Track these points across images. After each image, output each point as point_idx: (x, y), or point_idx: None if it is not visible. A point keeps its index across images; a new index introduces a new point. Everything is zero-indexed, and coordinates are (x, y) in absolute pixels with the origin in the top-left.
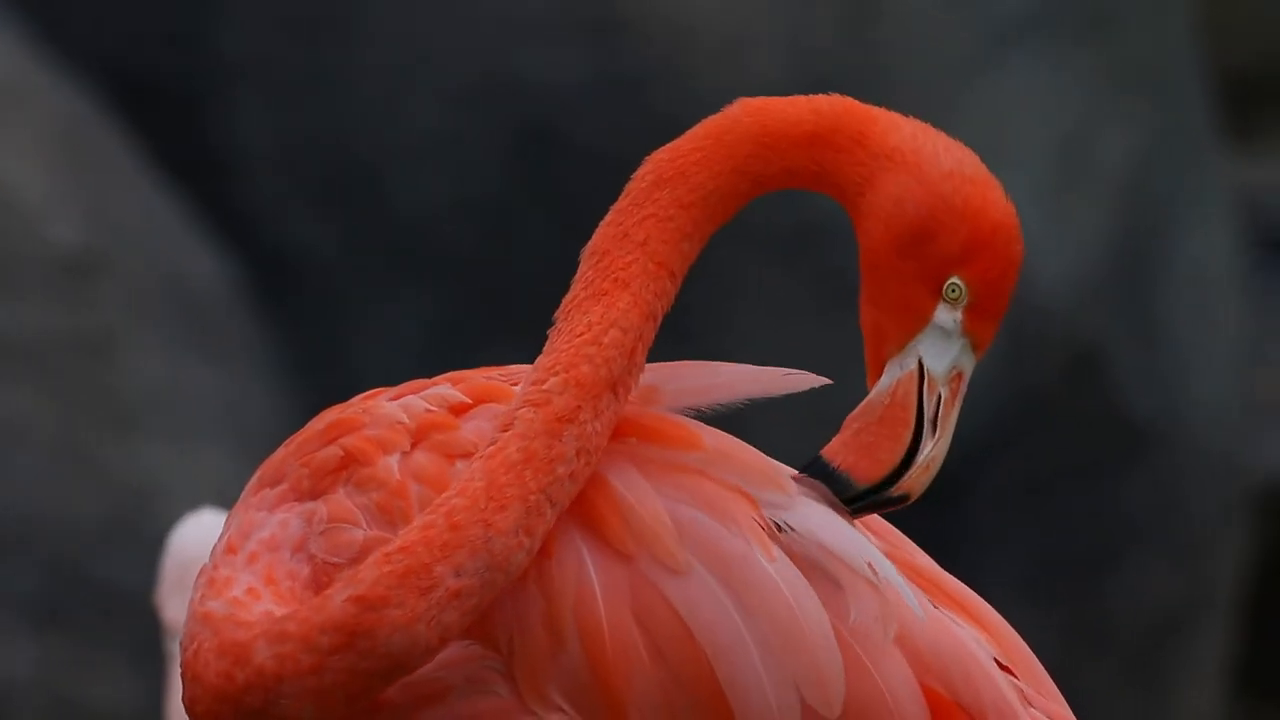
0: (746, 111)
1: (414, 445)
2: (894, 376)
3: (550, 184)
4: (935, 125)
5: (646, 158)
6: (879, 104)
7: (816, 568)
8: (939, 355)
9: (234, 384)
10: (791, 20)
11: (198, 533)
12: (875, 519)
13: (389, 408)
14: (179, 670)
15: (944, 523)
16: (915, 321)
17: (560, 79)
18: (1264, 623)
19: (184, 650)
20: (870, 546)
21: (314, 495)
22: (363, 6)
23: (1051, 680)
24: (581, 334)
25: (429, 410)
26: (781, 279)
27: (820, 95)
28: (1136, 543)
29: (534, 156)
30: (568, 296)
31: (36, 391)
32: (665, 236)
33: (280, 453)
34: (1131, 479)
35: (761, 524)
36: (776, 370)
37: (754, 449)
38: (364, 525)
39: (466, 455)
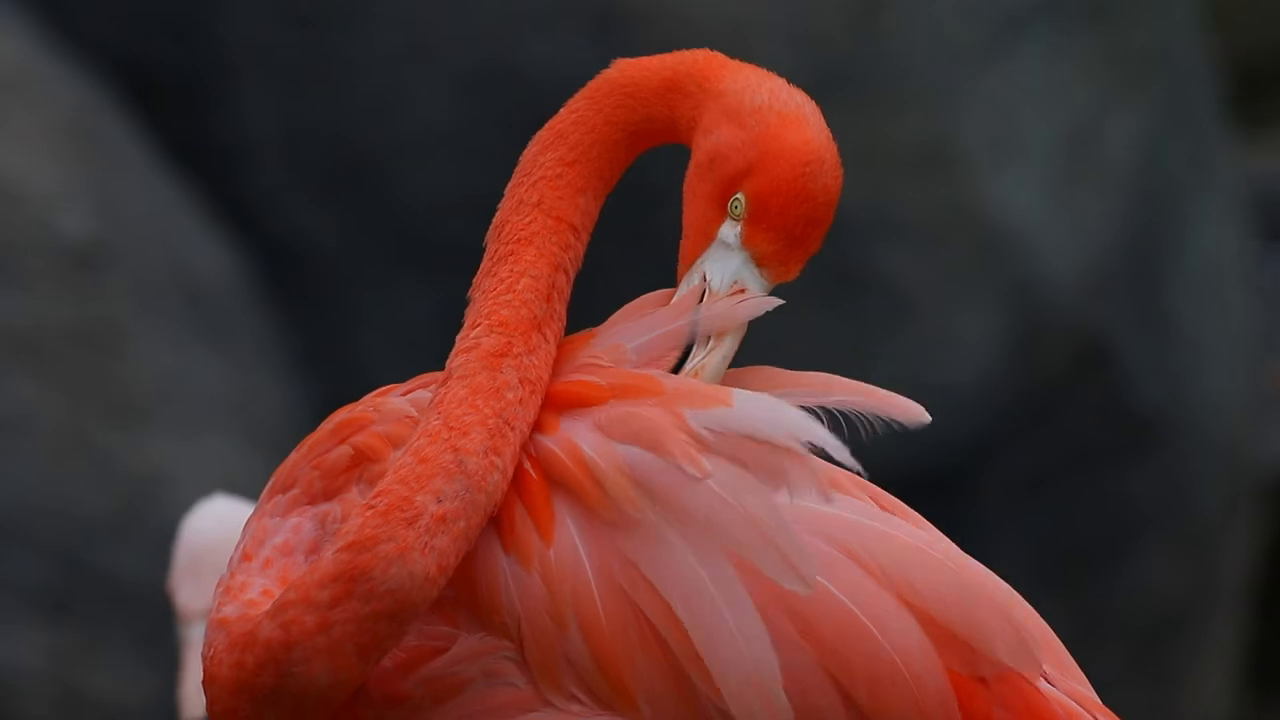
0: (617, 68)
1: None
2: (679, 292)
3: None
4: (942, 115)
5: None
6: (887, 95)
7: (749, 459)
8: (719, 268)
9: (241, 375)
10: (797, 10)
11: (210, 520)
12: (885, 496)
13: (397, 403)
14: (193, 657)
15: (952, 513)
16: (705, 240)
17: (564, 70)
18: (1272, 614)
19: (203, 660)
20: (792, 419)
21: (327, 497)
22: None
23: (1074, 660)
24: (495, 289)
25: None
26: None
27: (690, 50)
28: (1144, 534)
29: None
30: (479, 269)
31: (44, 382)
32: (559, 193)
33: (292, 457)
34: (1139, 470)
35: (690, 438)
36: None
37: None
38: None
39: None
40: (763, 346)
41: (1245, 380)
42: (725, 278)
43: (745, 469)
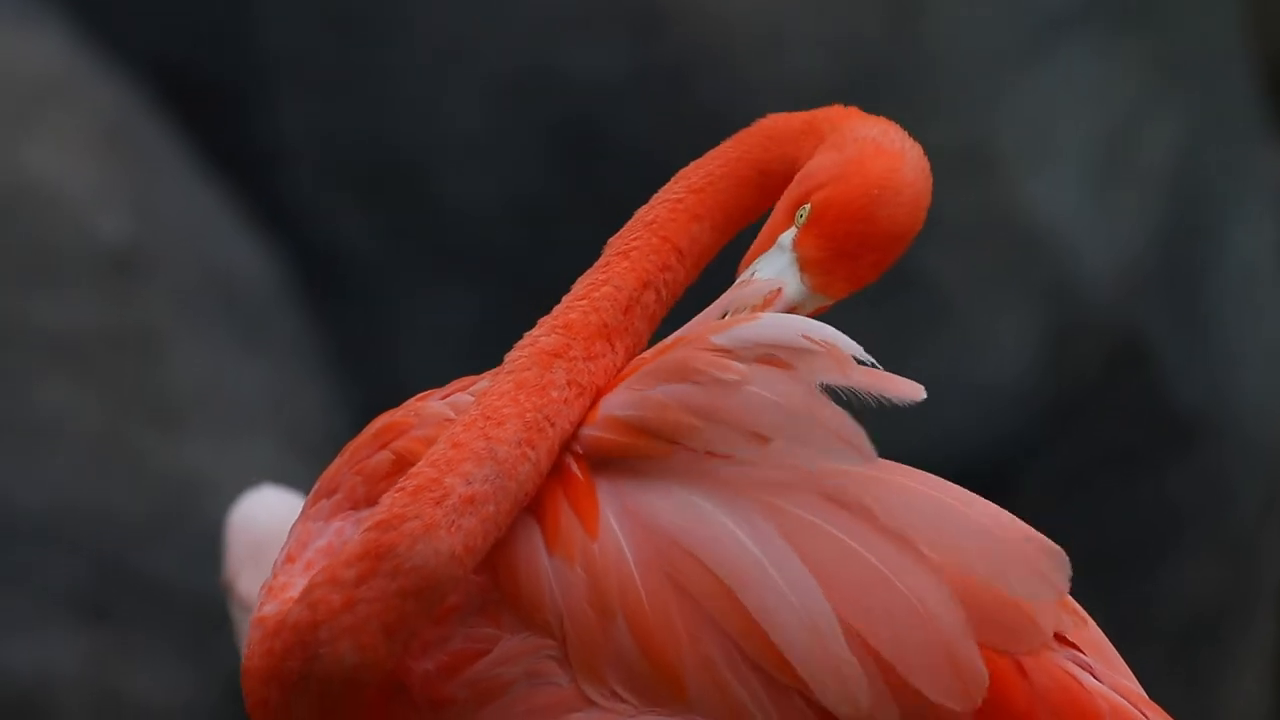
0: (769, 117)
1: None
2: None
3: (593, 179)
4: (981, 117)
5: None
6: (925, 97)
7: (769, 359)
8: (768, 265)
9: (279, 379)
10: (835, 13)
11: (263, 508)
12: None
13: (437, 406)
14: None
15: None
16: (769, 245)
17: (603, 74)
18: None
19: (243, 659)
20: (800, 320)
21: (369, 502)
22: (406, 1)
23: (1120, 656)
24: (575, 293)
25: None
26: None
27: (838, 106)
28: (1182, 535)
29: (577, 151)
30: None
31: (83, 386)
32: (673, 216)
33: (335, 463)
34: (1177, 471)
35: (717, 352)
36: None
37: None
38: None
39: None
40: None
41: None
42: (769, 274)
43: (774, 367)
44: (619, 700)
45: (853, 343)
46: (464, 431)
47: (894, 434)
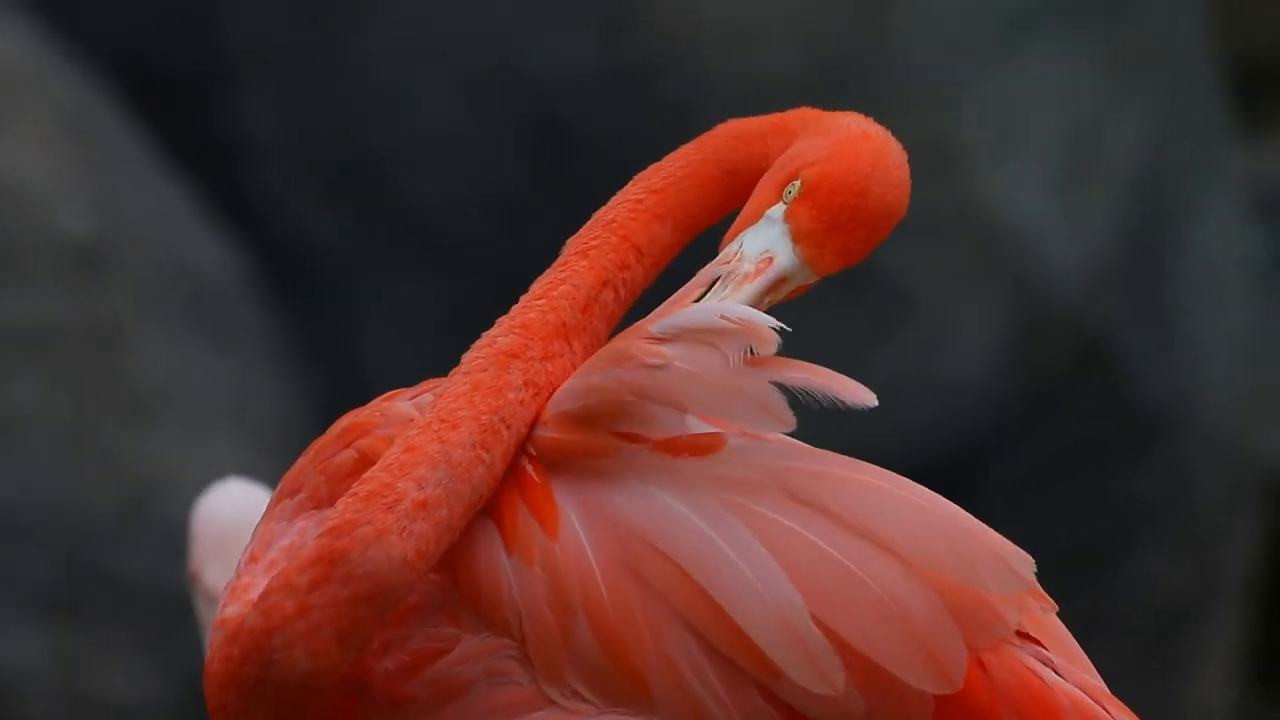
0: (732, 120)
1: None
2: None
3: (560, 173)
4: (946, 112)
5: None
6: (890, 92)
7: (689, 340)
8: (756, 237)
9: (244, 373)
10: (802, 9)
11: (229, 501)
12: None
13: (403, 406)
14: None
15: None
16: (754, 219)
17: (570, 68)
18: (1275, 609)
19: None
20: (719, 305)
21: (332, 501)
22: None
23: (1081, 650)
24: (533, 293)
25: None
26: None
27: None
28: (1147, 531)
29: (544, 146)
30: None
31: (46, 381)
32: (633, 216)
33: (300, 462)
34: (1142, 467)
35: (648, 340)
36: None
37: None
38: None
39: None
40: None
41: (1248, 377)
42: (759, 245)
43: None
44: (580, 700)
45: (770, 319)
46: (418, 434)
47: (860, 430)
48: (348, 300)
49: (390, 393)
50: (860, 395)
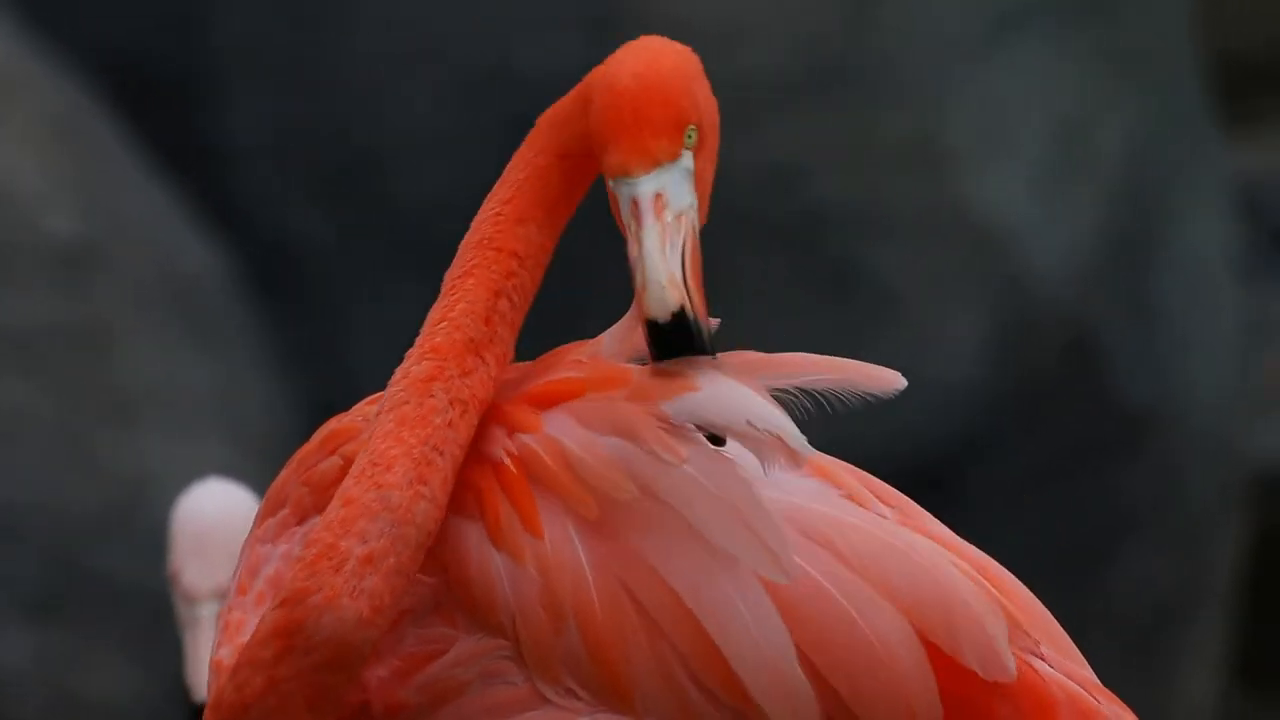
0: (544, 113)
1: None
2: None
3: None
4: (931, 111)
5: None
6: (876, 91)
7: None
8: (677, 191)
9: (230, 375)
10: (790, 10)
11: (208, 501)
12: (890, 492)
13: None
14: (205, 637)
15: (941, 510)
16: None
17: (558, 70)
18: (1262, 609)
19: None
20: (752, 406)
21: (318, 510)
22: None
23: (1072, 642)
24: (432, 319)
25: None
26: (779, 268)
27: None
28: (1134, 530)
29: None
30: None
31: (32, 383)
32: (499, 227)
33: (283, 474)
34: (1129, 466)
35: (663, 425)
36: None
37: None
38: None
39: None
40: (752, 342)
41: (1234, 375)
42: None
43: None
44: (574, 698)
45: (797, 432)
46: (355, 485)
47: (846, 432)
48: (335, 302)
49: (372, 396)
50: (890, 381)
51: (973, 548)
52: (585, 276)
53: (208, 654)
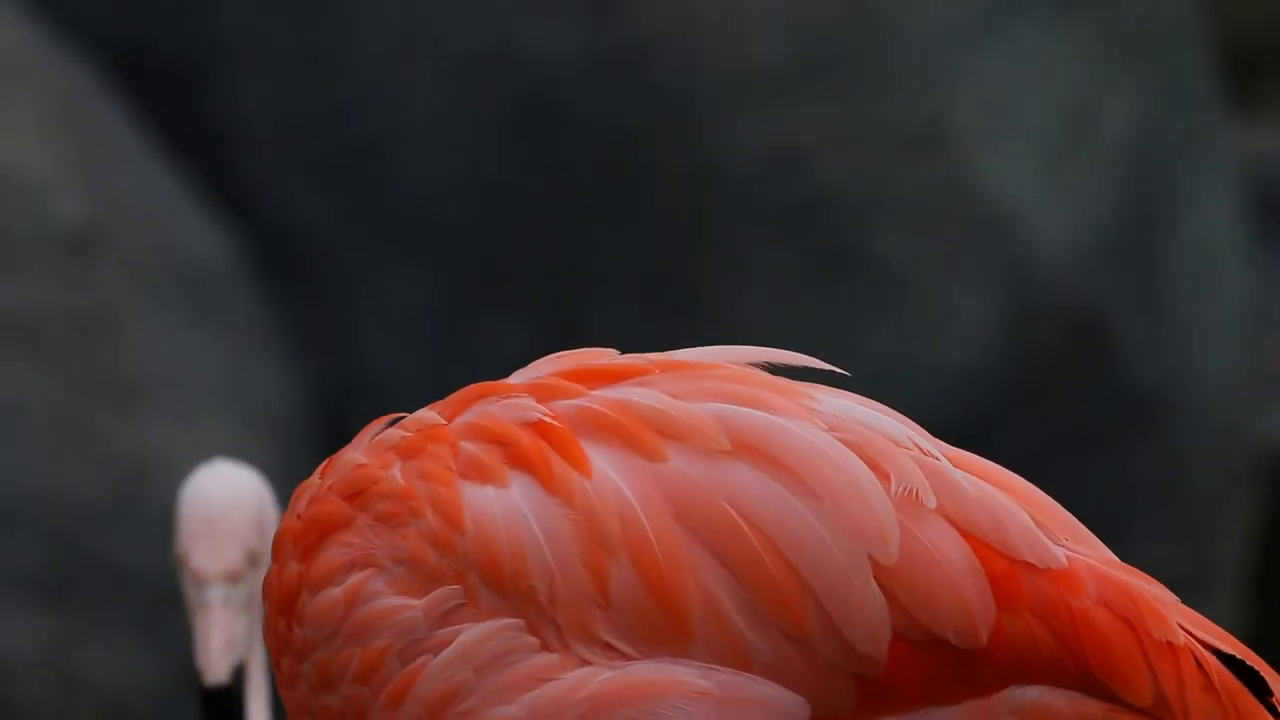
0: None
1: (409, 458)
2: None
3: (551, 157)
4: (936, 94)
5: None
6: (880, 74)
7: (860, 442)
8: None
9: (236, 359)
10: None
11: (217, 482)
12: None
13: (349, 455)
14: (215, 619)
15: None
16: None
17: (560, 52)
18: (1270, 590)
19: None
20: (908, 427)
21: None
22: None
23: (1088, 530)
24: None
25: (422, 424)
26: (784, 252)
27: None
28: (1142, 512)
29: (534, 130)
30: None
31: (39, 367)
32: None
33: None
34: (1136, 449)
35: (802, 409)
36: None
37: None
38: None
39: (478, 438)
40: (758, 327)
41: (1241, 358)
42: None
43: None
44: (614, 652)
45: (949, 465)
46: None
47: None
48: (339, 285)
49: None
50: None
51: (979, 458)
52: (585, 272)
53: (217, 637)
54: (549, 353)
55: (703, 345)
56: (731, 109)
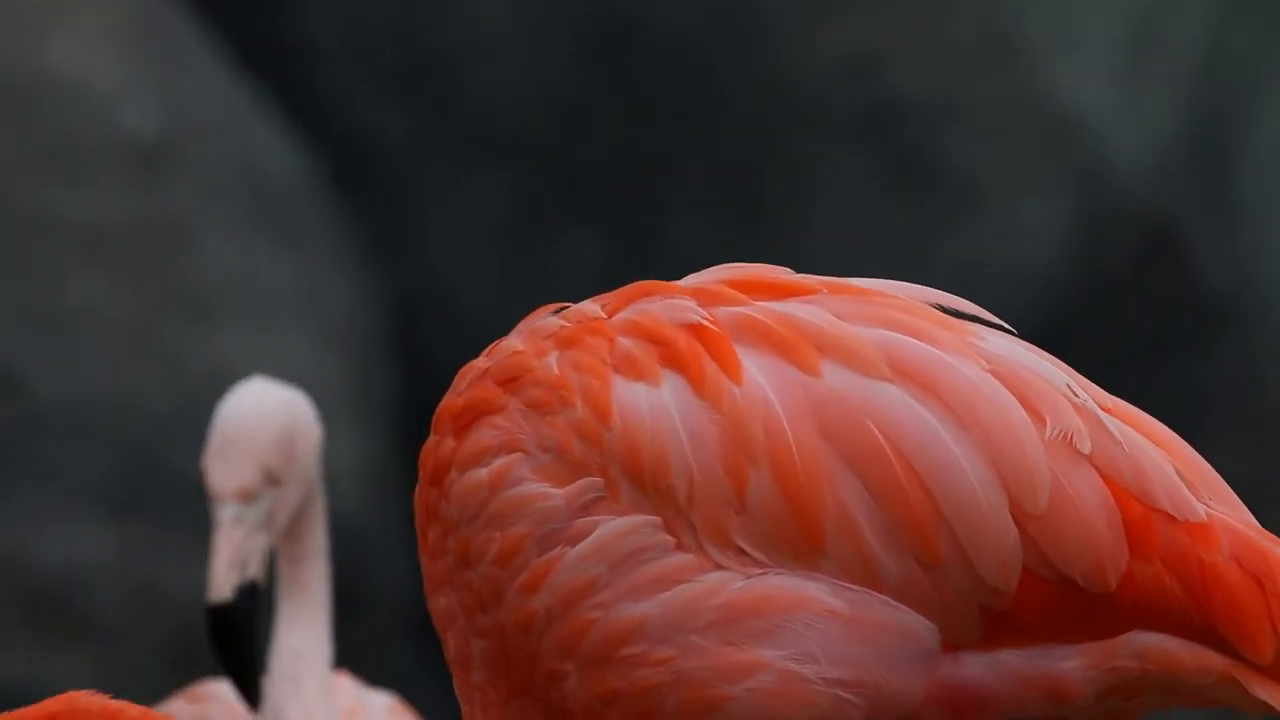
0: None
1: (568, 347)
2: None
3: (624, 69)
4: (1010, 6)
5: None
6: None
7: (1018, 383)
8: None
9: (308, 271)
10: None
11: (246, 401)
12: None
13: (537, 328)
14: (225, 538)
15: None
16: None
17: None
18: None
19: None
20: (1066, 373)
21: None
22: None
23: (1229, 488)
24: None
25: (583, 315)
26: (856, 161)
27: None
28: (1214, 420)
29: (608, 42)
30: None
31: (112, 279)
32: None
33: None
34: (1208, 357)
35: (964, 345)
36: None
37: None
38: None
39: (635, 334)
40: (831, 239)
41: None
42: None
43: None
44: (746, 558)
45: (1106, 416)
46: None
47: None
48: (412, 197)
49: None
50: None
51: (1132, 407)
52: (657, 183)
53: (224, 554)
54: (620, 264)
55: (774, 254)
56: (804, 19)
